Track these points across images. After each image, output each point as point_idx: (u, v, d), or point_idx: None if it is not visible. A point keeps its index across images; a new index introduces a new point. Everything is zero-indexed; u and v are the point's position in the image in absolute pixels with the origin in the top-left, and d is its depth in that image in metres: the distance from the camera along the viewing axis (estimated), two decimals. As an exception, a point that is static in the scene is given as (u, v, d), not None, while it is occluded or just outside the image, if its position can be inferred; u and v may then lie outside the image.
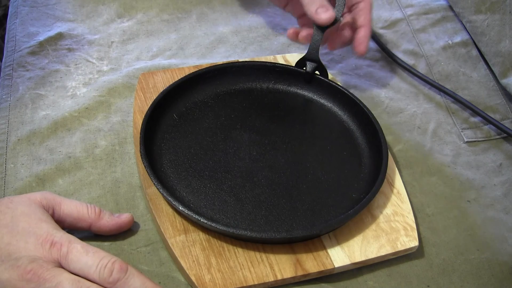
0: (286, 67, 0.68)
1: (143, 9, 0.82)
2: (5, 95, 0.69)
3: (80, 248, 0.47)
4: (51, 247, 0.46)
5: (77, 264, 0.46)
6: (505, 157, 0.67)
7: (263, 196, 0.57)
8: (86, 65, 0.73)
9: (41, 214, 0.50)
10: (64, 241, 0.47)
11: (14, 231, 0.47)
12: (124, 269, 0.46)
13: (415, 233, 0.55)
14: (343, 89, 0.65)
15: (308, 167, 0.60)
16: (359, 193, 0.58)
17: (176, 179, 0.58)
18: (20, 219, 0.48)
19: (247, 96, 0.67)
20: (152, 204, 0.56)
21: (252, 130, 0.63)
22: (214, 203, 0.56)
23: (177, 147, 0.61)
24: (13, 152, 0.63)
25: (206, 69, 0.67)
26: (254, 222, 0.55)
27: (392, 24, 0.82)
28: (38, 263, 0.45)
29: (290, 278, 0.52)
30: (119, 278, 0.46)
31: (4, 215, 0.49)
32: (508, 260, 0.56)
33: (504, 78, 0.72)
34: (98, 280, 0.46)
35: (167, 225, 0.54)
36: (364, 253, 0.53)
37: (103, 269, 0.46)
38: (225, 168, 0.59)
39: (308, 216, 0.56)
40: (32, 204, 0.50)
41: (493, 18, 0.73)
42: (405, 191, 0.59)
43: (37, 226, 0.48)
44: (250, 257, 0.53)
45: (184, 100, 0.65)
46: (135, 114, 0.64)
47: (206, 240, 0.54)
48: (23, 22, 0.78)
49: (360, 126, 0.64)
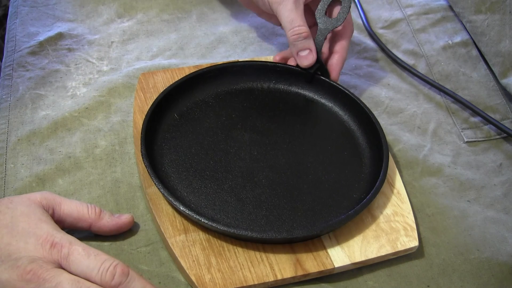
0: (287, 67, 0.68)
1: (143, 9, 0.82)
2: (5, 95, 0.69)
3: (81, 250, 0.47)
4: (51, 248, 0.46)
5: (78, 266, 0.46)
6: (505, 157, 0.67)
7: (264, 196, 0.57)
8: (86, 65, 0.73)
9: (41, 214, 0.50)
10: (65, 242, 0.47)
11: (14, 231, 0.47)
12: (125, 272, 0.46)
13: (415, 233, 0.55)
14: (344, 89, 0.65)
15: (308, 167, 0.60)
16: (360, 193, 0.58)
17: (177, 179, 0.58)
18: (20, 220, 0.48)
19: (248, 96, 0.67)
20: (152, 204, 0.56)
21: (253, 130, 0.63)
22: (215, 203, 0.56)
23: (178, 147, 0.61)
24: (13, 152, 0.63)
25: (207, 68, 0.66)
26: (255, 222, 0.55)
27: (392, 24, 0.82)
28: (38, 263, 0.45)
29: (290, 278, 0.52)
30: (121, 281, 0.46)
31: (4, 215, 0.49)
32: (508, 260, 0.56)
33: (504, 78, 0.72)
34: (100, 283, 0.46)
35: (167, 225, 0.54)
36: (364, 253, 0.53)
37: (105, 273, 0.46)
38: (225, 168, 0.59)
39: (308, 216, 0.56)
40: (32, 204, 0.50)
41: (493, 18, 0.73)
42: (405, 192, 0.59)
43: (37, 226, 0.48)
44: (250, 257, 0.53)
45: (185, 100, 0.65)
46: (135, 114, 0.63)
47: (206, 240, 0.54)
48: (23, 22, 0.78)
49: (361, 126, 0.64)
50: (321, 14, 0.65)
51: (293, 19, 0.60)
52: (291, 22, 0.60)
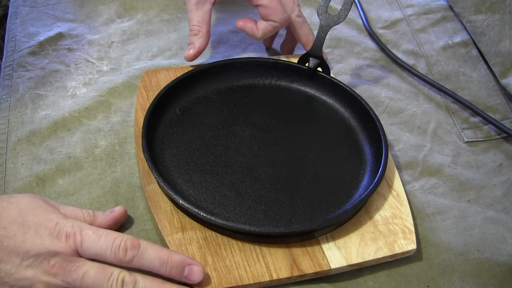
0: (289, 64, 0.68)
1: (143, 9, 0.82)
2: (5, 95, 0.69)
3: (92, 234, 0.48)
4: (67, 239, 0.47)
5: (92, 250, 0.47)
6: (505, 157, 0.67)
7: (263, 191, 0.57)
8: (86, 65, 0.73)
9: (46, 205, 0.50)
10: (76, 230, 0.48)
11: (25, 226, 0.47)
12: (136, 245, 0.47)
13: (413, 236, 0.55)
14: (345, 86, 0.66)
15: (308, 163, 0.60)
16: (359, 190, 0.58)
17: (177, 173, 0.58)
18: (28, 213, 0.48)
19: (249, 92, 0.68)
20: (151, 201, 0.56)
21: (254, 126, 0.64)
22: (214, 197, 0.56)
23: (179, 142, 0.61)
24: (13, 152, 0.63)
25: (209, 64, 0.67)
26: (254, 217, 0.55)
27: (392, 24, 0.82)
28: (60, 256, 0.46)
29: (286, 278, 0.52)
30: (134, 255, 0.47)
31: (9, 210, 0.48)
32: (508, 260, 0.56)
33: (504, 78, 0.72)
34: (116, 261, 0.47)
35: (165, 223, 0.54)
36: (361, 255, 0.53)
37: (118, 250, 0.47)
38: (226, 163, 0.59)
39: (307, 211, 0.56)
40: (34, 197, 0.51)
41: (493, 18, 0.73)
42: (405, 194, 0.59)
43: (46, 217, 0.48)
44: (247, 256, 0.53)
45: (187, 95, 0.65)
46: (137, 112, 0.64)
47: (203, 238, 0.54)
48: (23, 22, 0.78)
49: (361, 123, 0.64)
50: (323, 10, 0.65)
51: (191, 18, 0.68)
52: (190, 20, 0.68)
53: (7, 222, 0.47)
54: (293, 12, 0.70)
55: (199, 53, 0.68)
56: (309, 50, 0.67)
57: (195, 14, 0.67)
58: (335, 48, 0.79)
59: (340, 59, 0.77)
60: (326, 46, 0.78)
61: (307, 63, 0.67)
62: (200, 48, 0.68)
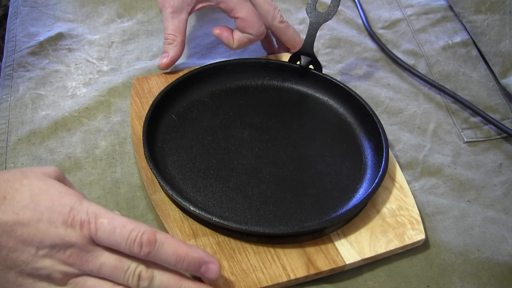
0: (280, 63, 0.68)
1: (143, 9, 0.82)
2: (5, 95, 0.69)
3: (107, 224, 0.45)
4: (81, 228, 0.45)
5: (107, 241, 0.46)
6: (505, 157, 0.67)
7: (270, 191, 0.57)
8: (86, 65, 0.73)
9: (59, 185, 0.48)
10: (91, 217, 0.46)
11: (37, 213, 0.45)
12: (152, 241, 0.45)
13: (421, 226, 0.56)
14: (338, 82, 0.66)
15: (310, 161, 0.61)
16: (363, 184, 0.58)
17: (182, 179, 0.58)
18: (41, 197, 0.46)
19: (243, 94, 0.68)
20: (159, 210, 0.55)
21: (252, 127, 0.64)
22: (222, 201, 0.56)
23: (179, 148, 0.61)
24: (13, 152, 0.63)
25: (201, 68, 0.67)
26: (264, 218, 0.55)
27: (392, 24, 0.83)
28: (76, 246, 0.45)
29: (303, 278, 0.52)
30: (149, 251, 0.45)
31: (22, 194, 0.46)
32: (508, 260, 0.56)
33: (504, 78, 0.72)
34: (131, 255, 0.46)
35: (176, 231, 0.54)
36: (373, 248, 0.54)
37: (133, 245, 0.45)
38: (229, 166, 0.59)
39: (315, 209, 0.56)
40: (47, 178, 0.48)
41: (493, 18, 0.73)
42: (407, 185, 0.59)
43: (59, 202, 0.46)
44: (262, 258, 0.52)
45: (182, 100, 0.65)
46: (133, 120, 0.63)
47: (216, 243, 0.53)
48: (23, 22, 0.78)
49: (357, 117, 0.65)
50: (312, 8, 0.65)
51: (166, 27, 0.68)
52: (165, 29, 0.68)
53: (19, 208, 0.45)
54: (275, 19, 0.70)
55: (173, 62, 0.68)
56: (301, 48, 0.67)
57: (171, 23, 0.68)
58: (335, 48, 0.79)
59: (340, 59, 0.77)
60: (326, 46, 0.79)
61: (299, 61, 0.67)
62: (174, 57, 0.68)
